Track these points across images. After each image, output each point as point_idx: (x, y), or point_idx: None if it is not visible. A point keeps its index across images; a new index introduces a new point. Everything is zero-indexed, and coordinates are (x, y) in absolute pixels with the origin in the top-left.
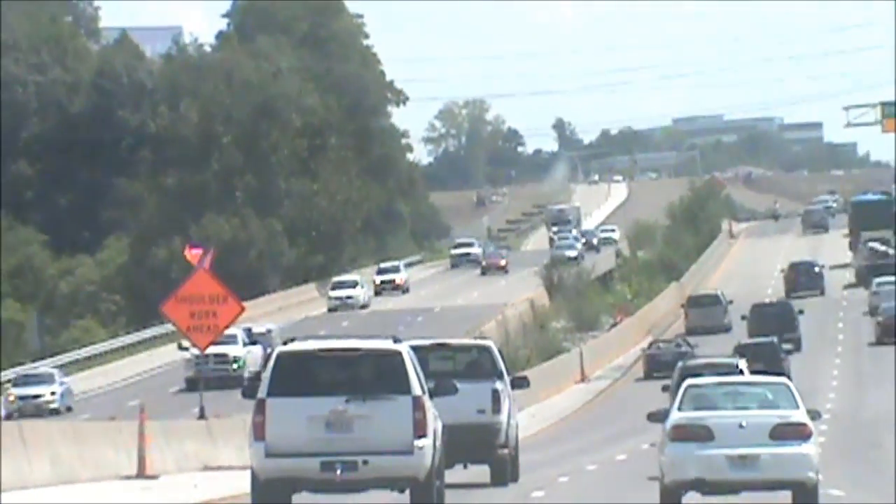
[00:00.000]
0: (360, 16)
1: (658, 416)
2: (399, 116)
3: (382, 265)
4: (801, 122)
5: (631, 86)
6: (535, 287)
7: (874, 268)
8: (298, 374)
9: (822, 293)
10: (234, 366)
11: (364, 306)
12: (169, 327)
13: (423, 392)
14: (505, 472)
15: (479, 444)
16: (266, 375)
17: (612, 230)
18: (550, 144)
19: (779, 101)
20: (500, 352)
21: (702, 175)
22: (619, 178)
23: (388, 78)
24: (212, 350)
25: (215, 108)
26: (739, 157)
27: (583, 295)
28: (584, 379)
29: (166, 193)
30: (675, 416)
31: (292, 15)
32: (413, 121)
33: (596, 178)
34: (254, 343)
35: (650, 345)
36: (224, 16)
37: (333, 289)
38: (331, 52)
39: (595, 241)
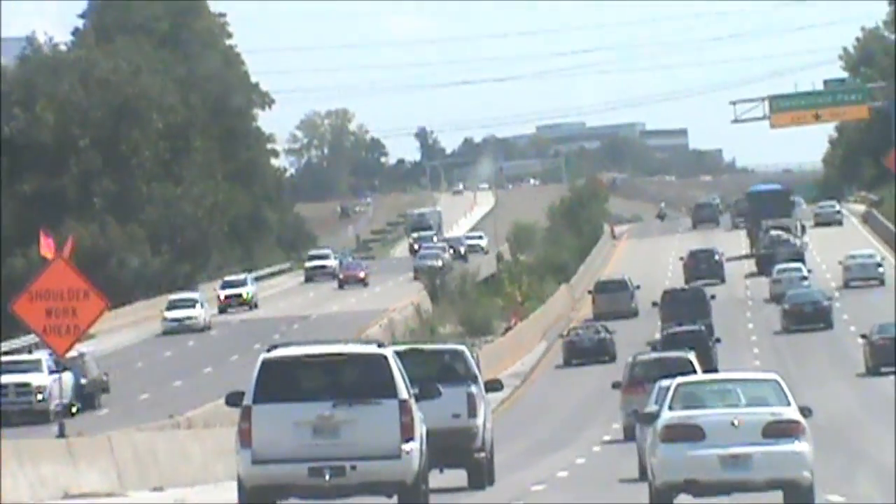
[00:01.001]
0: (223, 14)
1: (647, 418)
2: (263, 120)
3: (228, 278)
4: (664, 129)
5: (496, 93)
6: (418, 291)
7: (776, 256)
8: (284, 380)
9: (723, 281)
10: (39, 397)
11: (205, 328)
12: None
13: (410, 396)
14: (482, 476)
15: (455, 448)
16: (251, 382)
17: (480, 237)
18: (413, 154)
19: (641, 107)
20: (474, 355)
21: (566, 182)
22: (486, 185)
23: (252, 80)
24: (10, 379)
25: (72, 110)
26: (603, 163)
27: (469, 299)
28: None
29: (22, 200)
30: (666, 416)
31: (152, 14)
32: (275, 130)
33: (461, 186)
34: (64, 369)
35: (568, 332)
36: (80, 16)
37: (169, 308)
38: (192, 53)
39: (462, 249)
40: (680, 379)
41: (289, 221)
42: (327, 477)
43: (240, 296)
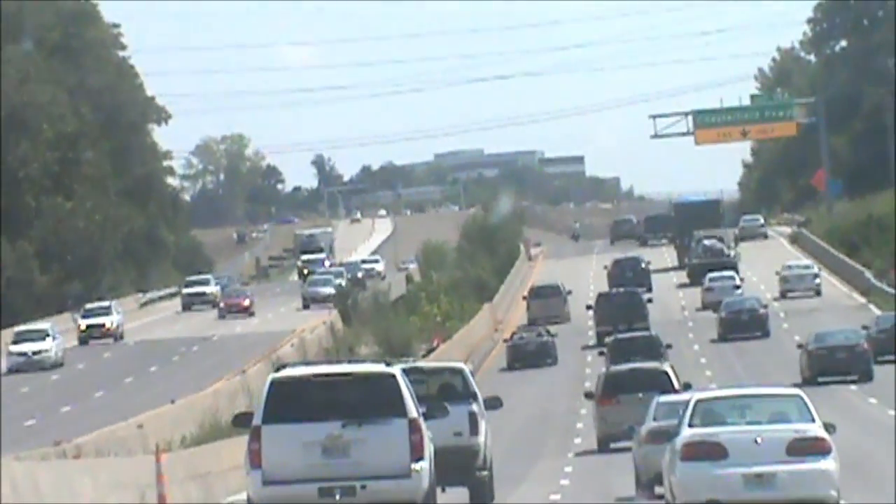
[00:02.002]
0: (117, 25)
1: (662, 435)
2: (159, 137)
3: (89, 306)
4: (562, 156)
5: (393, 122)
6: (330, 312)
7: (709, 266)
8: (293, 401)
9: (650, 290)
10: None
11: (57, 364)
12: None
13: (419, 415)
14: (484, 494)
15: (457, 466)
16: (260, 403)
17: (376, 261)
18: (311, 181)
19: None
20: (472, 373)
21: (466, 209)
22: (384, 212)
23: (149, 93)
24: None
25: None
26: (502, 191)
27: (384, 319)
28: None
29: None
30: (687, 434)
31: (43, 22)
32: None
33: (358, 215)
34: None
35: (512, 335)
36: None
37: (16, 342)
38: (84, 63)
39: (360, 275)
40: (699, 395)
41: (185, 244)
42: (338, 497)
43: (102, 325)
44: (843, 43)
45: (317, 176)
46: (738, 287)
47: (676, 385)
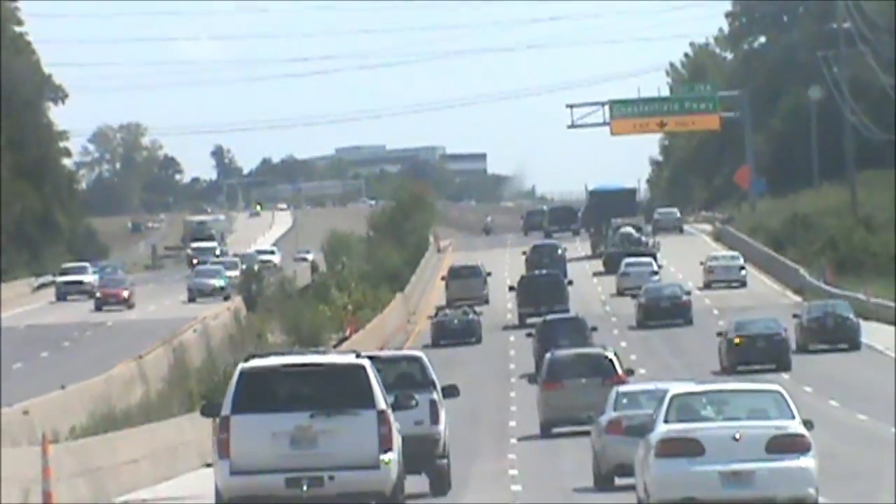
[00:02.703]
0: None
1: (639, 430)
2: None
3: None
4: (464, 153)
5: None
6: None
7: (627, 254)
8: (262, 391)
9: (566, 275)
10: None
11: None
12: None
13: (388, 406)
14: (444, 482)
15: (418, 455)
16: (230, 392)
17: (272, 252)
18: (209, 173)
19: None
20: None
21: (367, 200)
22: (284, 206)
23: (46, 71)
24: None
25: None
26: (404, 186)
27: (293, 307)
28: None
29: None
30: (663, 429)
31: None
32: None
33: (258, 209)
34: None
35: (437, 312)
36: None
37: None
38: None
39: (256, 266)
40: (675, 389)
41: (80, 230)
42: (305, 487)
43: None
44: (763, 39)
45: (216, 168)
46: (655, 273)
47: (620, 371)
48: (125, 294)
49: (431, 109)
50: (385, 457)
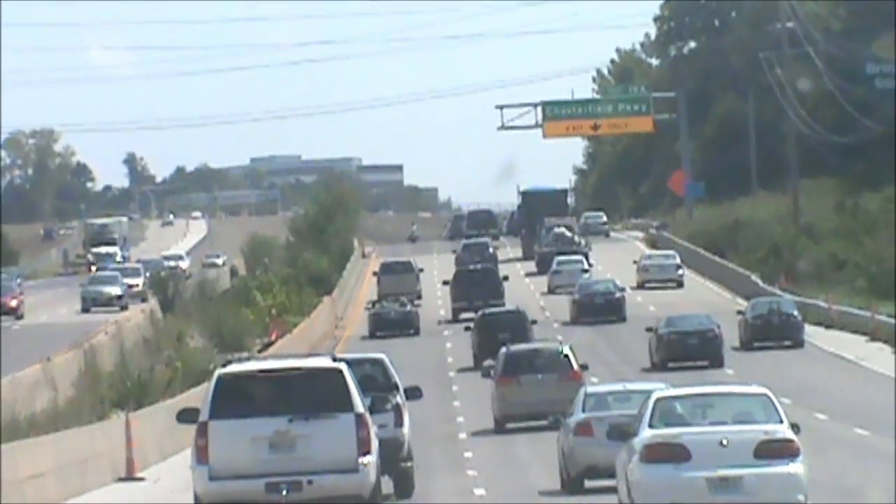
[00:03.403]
0: None
1: (619, 433)
2: None
3: None
4: (380, 164)
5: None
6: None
7: (559, 254)
8: (240, 396)
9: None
10: None
11: None
12: None
13: (366, 409)
14: (408, 484)
15: (383, 458)
16: (207, 398)
17: (180, 257)
18: (122, 181)
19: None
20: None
21: (283, 210)
22: (199, 214)
23: None
24: None
25: None
26: (326, 189)
27: (213, 310)
28: None
29: None
30: (647, 434)
31: None
32: None
33: (171, 218)
34: None
35: (373, 304)
36: None
37: None
38: None
39: (163, 273)
40: (659, 393)
41: None
42: (284, 492)
43: None
44: (693, 44)
45: (128, 175)
46: (586, 271)
47: (576, 366)
48: (12, 303)
49: (349, 110)
50: (364, 460)
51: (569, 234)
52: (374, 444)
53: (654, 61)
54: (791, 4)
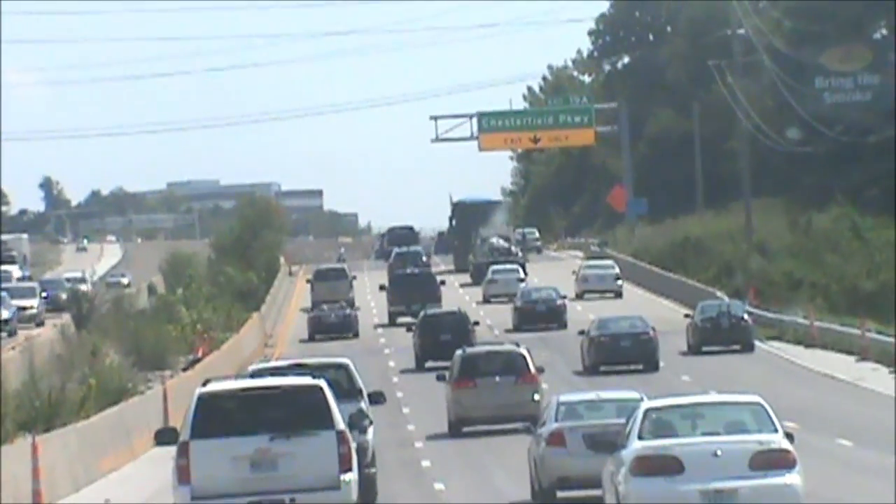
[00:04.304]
0: None
1: (604, 444)
2: None
3: None
4: (300, 190)
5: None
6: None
7: (494, 265)
8: (220, 415)
9: None
10: None
11: None
12: None
13: (346, 427)
14: (372, 491)
15: None
16: (188, 418)
17: (82, 279)
18: (38, 205)
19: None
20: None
21: (201, 238)
22: (113, 238)
23: None
24: None
25: None
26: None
27: (132, 326)
28: None
29: None
30: (638, 446)
31: None
32: None
33: (84, 243)
34: None
35: (313, 307)
36: None
37: None
38: None
39: (64, 295)
40: (648, 403)
41: None
42: None
43: None
44: (626, 59)
45: (44, 199)
46: (521, 280)
47: (532, 369)
48: None
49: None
50: (345, 477)
51: (505, 244)
52: (355, 460)
53: (586, 78)
54: (742, 6)
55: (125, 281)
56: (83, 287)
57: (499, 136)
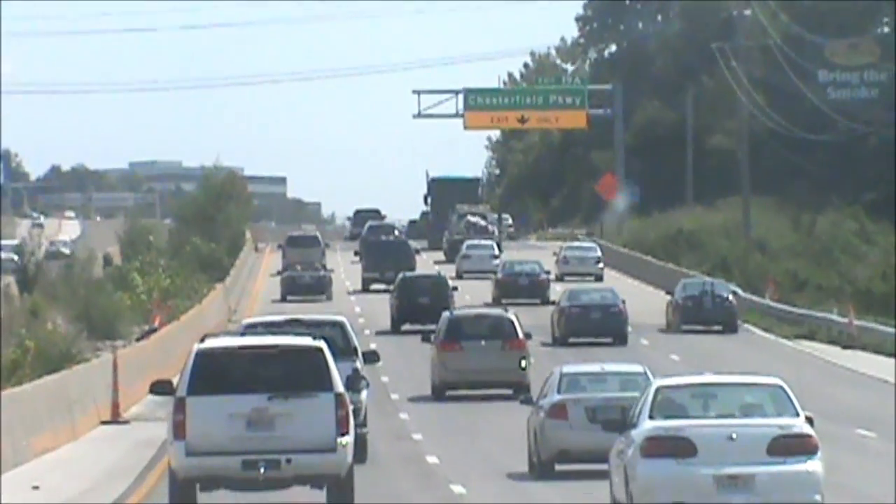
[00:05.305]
0: None
1: (613, 423)
2: None
3: None
4: (263, 175)
5: (86, 123)
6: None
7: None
8: (218, 372)
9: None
10: None
11: None
12: None
13: (345, 389)
14: (364, 450)
15: None
16: (185, 373)
17: (10, 248)
18: None
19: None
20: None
21: (162, 219)
22: (72, 214)
23: None
24: None
25: None
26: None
27: (82, 292)
28: (116, 416)
29: None
30: (649, 426)
31: None
32: None
33: (41, 219)
34: None
35: (285, 267)
36: None
37: None
38: None
39: (14, 256)
40: (660, 382)
41: None
42: (262, 470)
43: None
44: (613, 48)
45: (2, 172)
46: (496, 258)
47: (520, 333)
48: None
49: (242, 84)
50: (342, 440)
51: (482, 222)
52: (352, 423)
53: (569, 66)
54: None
55: (66, 251)
56: (13, 256)
57: (485, 115)
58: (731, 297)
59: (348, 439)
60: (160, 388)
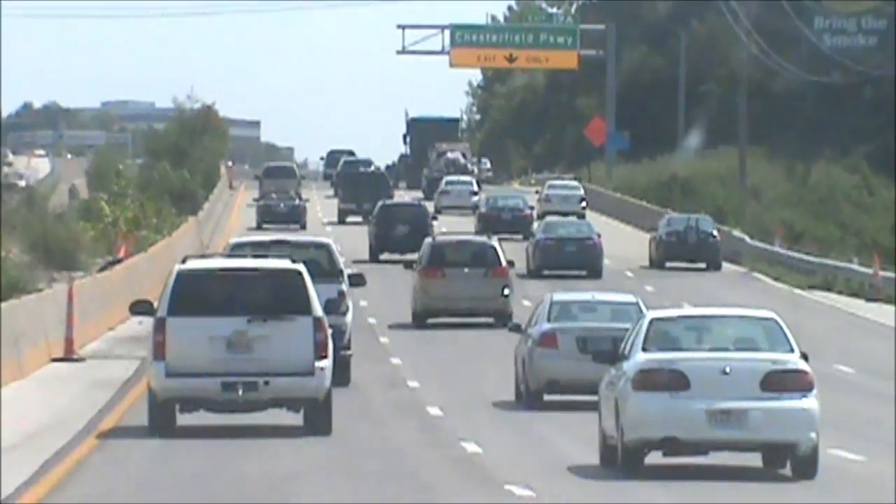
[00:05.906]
0: None
1: (604, 354)
2: None
3: None
4: (238, 119)
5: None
6: None
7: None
8: (199, 294)
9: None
10: None
11: None
12: None
13: (324, 313)
14: (346, 373)
15: None
16: (166, 294)
17: None
18: None
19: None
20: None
21: (134, 159)
22: (42, 152)
23: None
24: None
25: None
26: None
27: (40, 222)
28: (70, 353)
29: None
30: (641, 358)
31: None
32: None
33: (10, 156)
34: None
35: (262, 196)
36: None
37: None
38: None
39: None
40: (653, 314)
41: None
42: (240, 392)
43: None
44: None
45: None
46: (475, 194)
47: (503, 261)
48: None
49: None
50: (320, 363)
51: (462, 160)
52: (331, 347)
53: (554, 10)
54: None
55: (21, 183)
56: None
57: (472, 52)
58: (715, 232)
59: (327, 363)
60: (140, 307)
